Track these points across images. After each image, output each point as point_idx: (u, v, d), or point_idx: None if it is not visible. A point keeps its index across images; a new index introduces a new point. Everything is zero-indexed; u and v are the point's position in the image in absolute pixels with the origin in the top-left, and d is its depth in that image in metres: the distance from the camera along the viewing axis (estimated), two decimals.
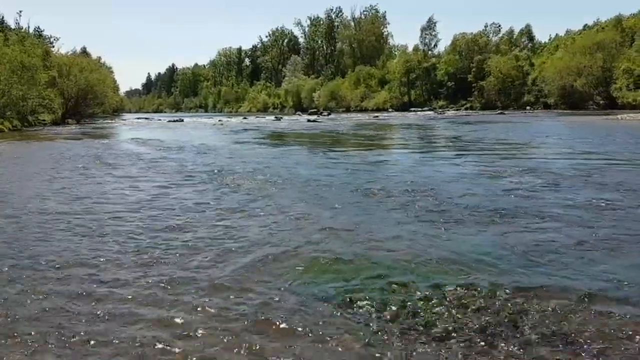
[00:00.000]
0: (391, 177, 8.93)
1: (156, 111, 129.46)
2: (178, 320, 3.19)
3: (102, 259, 4.40)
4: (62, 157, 13.54)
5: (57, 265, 4.25)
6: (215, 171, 10.03)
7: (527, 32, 75.52)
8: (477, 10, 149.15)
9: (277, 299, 3.51)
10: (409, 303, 3.38)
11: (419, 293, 3.54)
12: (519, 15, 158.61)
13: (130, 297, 3.57)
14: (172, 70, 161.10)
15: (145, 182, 8.88)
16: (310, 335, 2.99)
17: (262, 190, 7.77)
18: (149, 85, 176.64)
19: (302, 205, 6.56)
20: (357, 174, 9.35)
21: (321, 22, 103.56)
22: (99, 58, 74.05)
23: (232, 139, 21.00)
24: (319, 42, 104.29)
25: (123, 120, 52.79)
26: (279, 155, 13.97)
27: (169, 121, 45.04)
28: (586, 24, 64.63)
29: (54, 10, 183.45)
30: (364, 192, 7.33)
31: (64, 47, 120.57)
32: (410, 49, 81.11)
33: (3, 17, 49.34)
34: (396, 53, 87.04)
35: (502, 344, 2.84)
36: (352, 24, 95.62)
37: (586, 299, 3.37)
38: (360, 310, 3.29)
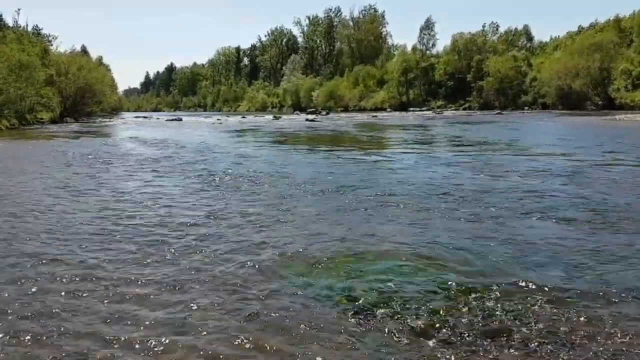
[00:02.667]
0: (397, 177, 8.94)
1: (154, 110, 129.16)
2: (180, 319, 3.19)
3: (103, 257, 4.41)
4: (61, 156, 13.52)
5: (56, 263, 4.25)
6: (215, 170, 10.04)
7: (526, 33, 75.54)
8: (477, 10, 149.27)
9: (279, 297, 3.52)
10: (409, 302, 3.40)
11: (419, 292, 3.55)
12: (519, 15, 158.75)
13: (132, 295, 3.58)
14: (170, 69, 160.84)
15: (143, 180, 8.88)
16: (311, 333, 3.00)
17: (263, 190, 7.77)
18: (147, 84, 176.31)
19: (305, 205, 6.58)
20: (360, 174, 9.35)
21: (320, 21, 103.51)
22: (100, 57, 74.11)
23: (230, 138, 20.99)
24: (318, 41, 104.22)
25: (121, 119, 52.70)
26: (279, 154, 13.96)
27: (167, 120, 44.98)
28: (580, 25, 64.67)
29: (53, 9, 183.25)
30: (369, 193, 7.33)
31: (63, 45, 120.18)
32: (409, 48, 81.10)
33: (1, 16, 49.21)
34: (395, 53, 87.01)
35: (504, 345, 2.85)
36: (351, 23, 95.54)
37: (590, 300, 3.39)
38: (361, 309, 3.31)
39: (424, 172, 9.30)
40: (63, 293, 3.60)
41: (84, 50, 71.69)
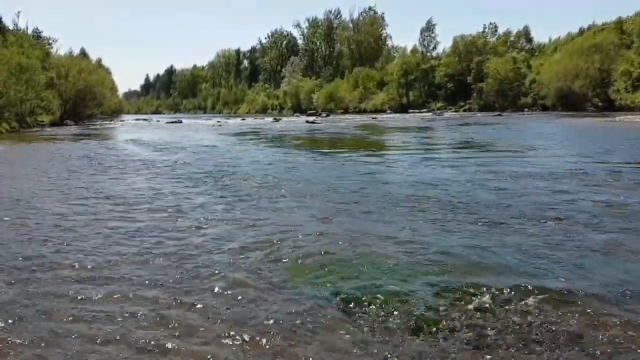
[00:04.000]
0: (402, 181, 8.93)
1: (155, 112, 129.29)
2: (179, 320, 3.19)
3: (104, 259, 4.39)
4: (62, 159, 13.51)
5: (56, 265, 4.24)
6: (216, 174, 10.03)
7: (525, 34, 75.52)
8: (477, 12, 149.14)
9: (278, 298, 3.50)
10: (409, 303, 3.38)
11: (418, 294, 3.53)
12: (521, 17, 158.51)
13: (132, 295, 3.57)
14: (170, 71, 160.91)
15: (145, 182, 8.87)
16: (310, 334, 2.99)
17: (257, 192, 7.76)
18: (147, 86, 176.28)
19: (308, 208, 6.57)
20: (370, 176, 9.35)
21: (320, 23, 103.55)
22: (100, 60, 74.19)
23: (230, 141, 20.97)
24: (318, 43, 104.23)
25: (122, 121, 52.72)
26: (279, 157, 13.95)
27: (168, 122, 44.98)
28: (582, 27, 64.80)
29: (53, 10, 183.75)
30: (372, 195, 7.32)
31: (63, 48, 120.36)
32: (409, 50, 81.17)
33: (1, 18, 49.14)
34: (395, 55, 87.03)
35: (503, 347, 2.84)
36: (351, 25, 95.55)
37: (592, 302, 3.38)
38: (360, 311, 3.29)
39: (427, 175, 9.31)
40: (66, 294, 3.60)
41: (83, 53, 71.75)
